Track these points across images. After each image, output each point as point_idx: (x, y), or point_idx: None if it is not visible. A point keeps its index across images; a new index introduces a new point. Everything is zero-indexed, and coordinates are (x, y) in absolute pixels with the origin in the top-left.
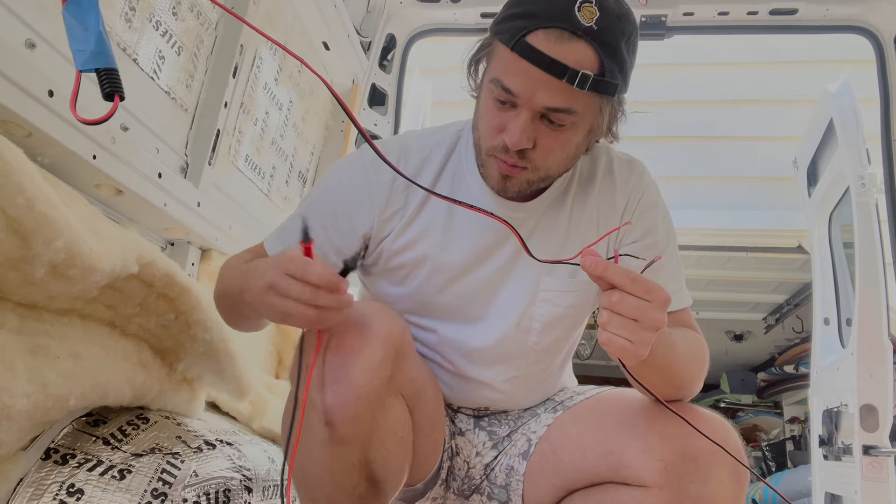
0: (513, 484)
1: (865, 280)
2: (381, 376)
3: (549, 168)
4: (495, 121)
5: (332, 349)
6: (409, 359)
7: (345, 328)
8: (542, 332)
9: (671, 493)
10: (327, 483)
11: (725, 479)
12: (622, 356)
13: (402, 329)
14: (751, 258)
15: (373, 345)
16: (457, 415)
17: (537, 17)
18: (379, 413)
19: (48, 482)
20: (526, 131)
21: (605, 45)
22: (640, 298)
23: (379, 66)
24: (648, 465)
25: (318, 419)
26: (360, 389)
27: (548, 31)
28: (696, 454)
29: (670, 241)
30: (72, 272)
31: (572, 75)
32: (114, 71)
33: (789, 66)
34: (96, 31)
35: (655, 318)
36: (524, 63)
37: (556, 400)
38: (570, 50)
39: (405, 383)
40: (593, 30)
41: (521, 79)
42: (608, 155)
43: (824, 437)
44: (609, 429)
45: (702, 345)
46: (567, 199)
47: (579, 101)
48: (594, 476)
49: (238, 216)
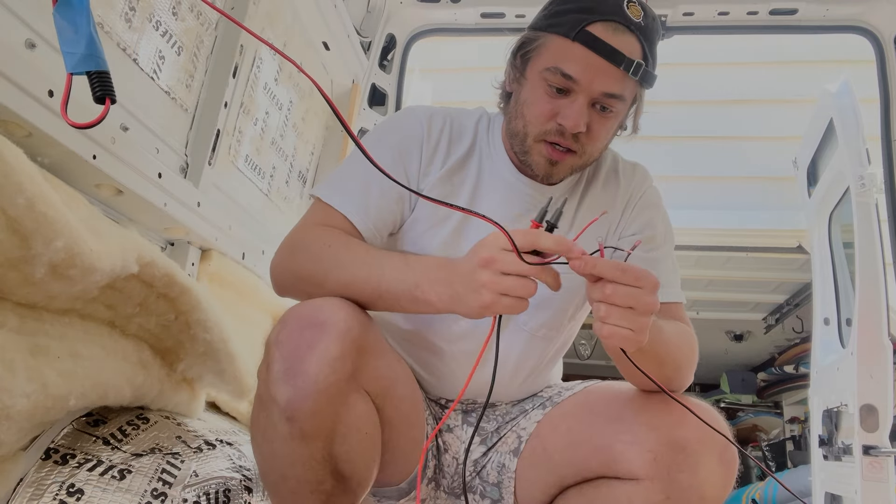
0: (505, 482)
1: (865, 280)
2: (340, 371)
3: (592, 154)
4: (547, 107)
5: (291, 344)
6: (375, 355)
7: (302, 324)
8: (533, 310)
9: (662, 484)
10: (291, 478)
11: (714, 465)
12: (625, 345)
13: (364, 325)
14: (751, 258)
15: (330, 339)
16: (443, 411)
17: (594, 11)
18: (341, 408)
19: (48, 482)
20: (583, 116)
21: (649, 40)
22: (632, 287)
23: (379, 66)
24: (638, 458)
25: (279, 414)
26: (320, 384)
27: (606, 24)
28: (683, 443)
29: (667, 240)
30: (72, 272)
31: (628, 63)
32: (105, 74)
33: (789, 66)
34: (87, 34)
35: (649, 302)
36: (585, 51)
37: (543, 396)
38: (624, 41)
39: (370, 380)
40: (641, 25)
41: (581, 65)
42: (614, 158)
43: (824, 437)
44: (598, 423)
45: (690, 335)
46: (576, 192)
47: (628, 89)
48: (586, 471)
49: (238, 216)
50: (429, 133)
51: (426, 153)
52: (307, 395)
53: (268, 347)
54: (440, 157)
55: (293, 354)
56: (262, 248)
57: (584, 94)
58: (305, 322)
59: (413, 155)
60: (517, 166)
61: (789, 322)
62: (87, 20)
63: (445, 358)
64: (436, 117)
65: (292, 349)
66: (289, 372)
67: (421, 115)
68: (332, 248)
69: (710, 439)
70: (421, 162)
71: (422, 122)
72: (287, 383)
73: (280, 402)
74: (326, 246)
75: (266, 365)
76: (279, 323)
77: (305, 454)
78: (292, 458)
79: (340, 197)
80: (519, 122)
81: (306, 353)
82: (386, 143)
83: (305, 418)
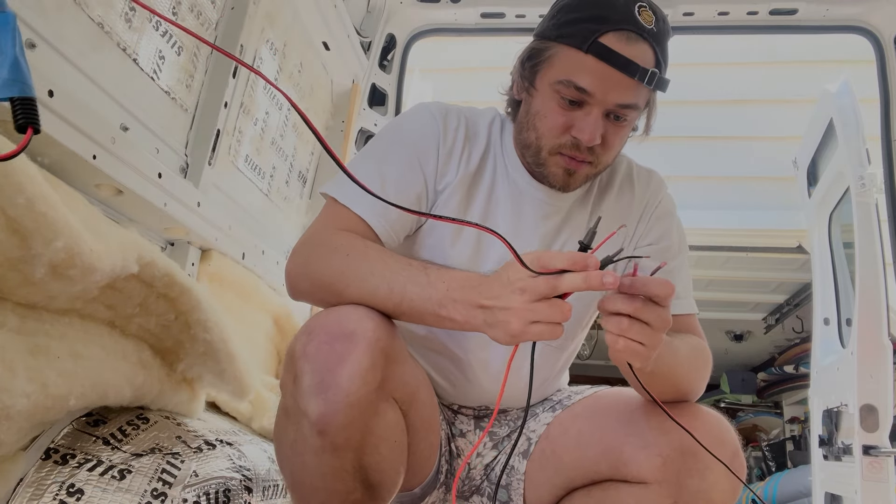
0: (513, 483)
1: (865, 280)
2: (372, 382)
3: (607, 162)
4: (560, 120)
5: (321, 357)
6: (400, 362)
7: (331, 335)
8: None
9: (670, 488)
10: (322, 490)
11: (723, 473)
12: (635, 360)
13: (390, 333)
14: (751, 258)
15: (361, 350)
16: (457, 416)
17: (606, 21)
18: (372, 419)
19: (48, 482)
20: (599, 128)
21: (661, 45)
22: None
23: (379, 66)
24: (647, 462)
25: (310, 428)
26: (351, 396)
27: (619, 34)
28: (693, 448)
29: (682, 250)
30: (72, 272)
31: (643, 73)
32: (30, 100)
33: (789, 66)
34: (12, 56)
35: (666, 318)
36: (599, 63)
37: (554, 399)
38: (638, 50)
39: (397, 387)
40: (654, 31)
41: (595, 78)
42: (629, 164)
43: (824, 438)
44: (607, 426)
45: (706, 352)
46: (589, 199)
47: (642, 97)
48: (594, 474)
49: (238, 216)
50: (444, 132)
51: (443, 152)
52: (339, 409)
53: (293, 359)
54: (456, 156)
55: (323, 367)
56: (262, 248)
57: (599, 107)
58: (334, 334)
59: (430, 154)
60: (530, 172)
61: (789, 322)
62: (13, 42)
63: (462, 365)
64: (451, 115)
65: (322, 362)
66: (320, 385)
67: (436, 112)
68: (350, 258)
69: (719, 444)
70: (438, 161)
71: (437, 120)
72: (318, 396)
73: (311, 416)
74: (345, 255)
75: (293, 377)
76: (304, 334)
77: (336, 466)
78: (323, 471)
79: (356, 198)
80: (531, 134)
81: (337, 366)
82: (402, 141)
83: (337, 431)
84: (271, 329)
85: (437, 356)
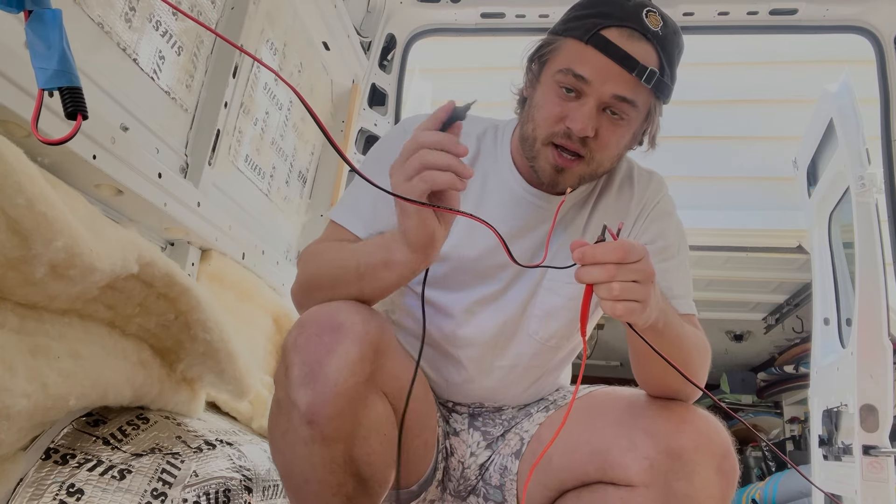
0: (507, 484)
1: (865, 280)
2: (360, 373)
3: (602, 163)
4: (556, 110)
5: (310, 348)
6: (391, 357)
7: (320, 328)
8: (543, 320)
9: (657, 492)
10: (313, 481)
11: (711, 475)
12: (637, 318)
13: (381, 327)
14: (751, 258)
15: (349, 342)
16: (451, 415)
17: (610, 17)
18: (361, 410)
19: (48, 482)
20: (591, 119)
21: (666, 51)
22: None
23: (379, 66)
24: (634, 464)
25: (300, 418)
26: (339, 387)
27: (621, 29)
28: (679, 451)
29: (681, 251)
30: (72, 272)
31: (641, 70)
32: (77, 90)
33: (789, 66)
34: (60, 49)
35: (648, 269)
36: (598, 54)
37: (549, 399)
38: (639, 48)
39: (387, 381)
40: (659, 35)
41: (593, 67)
42: (629, 165)
43: (824, 437)
44: (596, 427)
45: (705, 342)
46: (589, 201)
47: (640, 96)
48: (583, 476)
49: (238, 216)
50: None
51: None
52: (327, 399)
53: (285, 351)
54: None
55: (312, 358)
56: (262, 248)
57: (594, 97)
58: (323, 326)
59: None
60: (525, 177)
61: (789, 322)
62: (60, 35)
63: (454, 362)
64: None
65: (311, 353)
66: (308, 376)
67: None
68: (325, 253)
69: (707, 448)
70: None
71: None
72: (307, 387)
73: (300, 406)
74: (321, 252)
75: (284, 369)
76: (296, 327)
77: (327, 457)
78: (313, 462)
79: (346, 213)
80: (529, 126)
81: (325, 357)
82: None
83: (326, 421)
84: (271, 329)
85: (430, 352)
